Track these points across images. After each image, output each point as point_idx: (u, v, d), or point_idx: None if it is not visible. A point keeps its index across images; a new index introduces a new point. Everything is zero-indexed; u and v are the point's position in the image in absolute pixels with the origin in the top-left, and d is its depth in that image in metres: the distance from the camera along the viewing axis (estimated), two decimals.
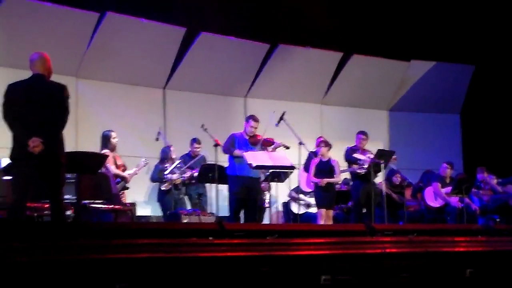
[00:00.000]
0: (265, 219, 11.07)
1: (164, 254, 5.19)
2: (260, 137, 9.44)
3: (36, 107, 6.06)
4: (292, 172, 10.58)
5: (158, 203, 10.74)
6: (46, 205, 7.03)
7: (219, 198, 9.57)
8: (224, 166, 9.78)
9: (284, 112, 9.60)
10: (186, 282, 5.16)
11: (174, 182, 10.35)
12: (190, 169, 10.58)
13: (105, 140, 9.35)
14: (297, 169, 10.04)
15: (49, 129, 6.07)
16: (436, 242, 7.09)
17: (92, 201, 8.13)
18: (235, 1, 12.52)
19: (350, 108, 14.32)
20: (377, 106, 14.65)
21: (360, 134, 10.88)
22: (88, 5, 10.99)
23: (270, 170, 9.90)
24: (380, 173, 10.71)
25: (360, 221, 10.12)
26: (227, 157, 9.57)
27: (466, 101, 15.05)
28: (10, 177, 6.54)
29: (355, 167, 10.58)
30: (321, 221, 9.91)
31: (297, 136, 9.50)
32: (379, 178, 11.01)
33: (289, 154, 9.41)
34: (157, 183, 10.74)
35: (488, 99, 14.63)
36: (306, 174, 10.53)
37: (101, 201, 8.32)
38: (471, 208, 11.57)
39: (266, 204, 11.00)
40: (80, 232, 5.46)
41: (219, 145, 9.61)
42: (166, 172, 10.28)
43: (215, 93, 12.92)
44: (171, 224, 8.41)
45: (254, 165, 8.90)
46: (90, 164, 7.53)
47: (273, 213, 11.76)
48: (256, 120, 9.51)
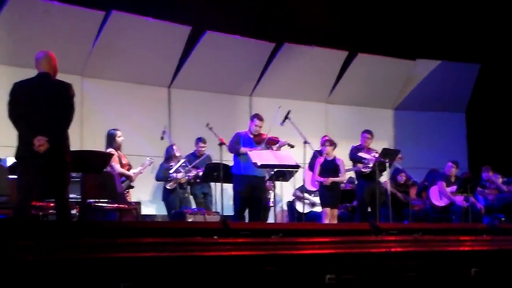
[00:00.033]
0: (270, 218, 11.07)
1: (168, 253, 5.17)
2: (265, 136, 9.42)
3: (41, 106, 6.08)
4: (297, 171, 10.58)
5: (163, 202, 10.73)
6: (51, 204, 7.04)
7: (224, 197, 9.56)
8: (229, 165, 9.77)
9: (289, 111, 9.59)
10: (191, 281, 5.15)
11: (179, 181, 10.35)
12: (195, 168, 10.58)
13: (110, 139, 9.34)
14: (302, 168, 10.03)
15: (54, 128, 6.08)
16: (441, 241, 7.06)
17: (97, 200, 8.16)
18: (240, 0, 12.53)
19: (355, 107, 14.32)
20: (382, 105, 14.64)
21: (365, 133, 10.88)
22: (93, 4, 11.01)
23: (275, 169, 9.90)
24: (385, 172, 10.70)
25: (365, 220, 10.12)
26: (232, 156, 9.57)
27: (472, 100, 15.04)
28: (15, 176, 6.55)
29: (360, 166, 10.58)
30: (326, 220, 9.91)
31: (302, 135, 9.49)
32: (384, 177, 11.00)
33: (294, 153, 9.39)
34: (162, 182, 10.72)
35: (493, 98, 14.60)
36: (311, 173, 10.52)
37: (106, 200, 8.34)
38: (476, 207, 11.57)
39: (271, 203, 11.00)
40: (85, 231, 5.45)
41: (224, 144, 9.61)
42: (171, 171, 10.28)
43: (220, 91, 12.92)
44: (176, 223, 8.42)
45: (259, 164, 8.89)
46: (95, 163, 7.55)
47: (278, 212, 11.76)
48: (261, 119, 9.50)
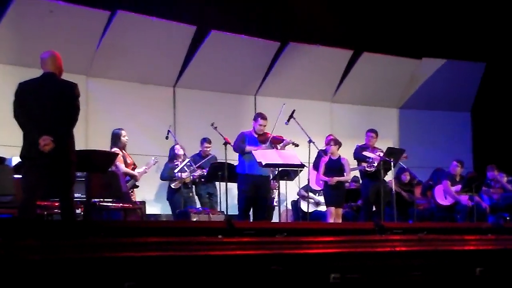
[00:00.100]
0: (274, 218, 11.06)
1: (173, 253, 5.17)
2: (270, 135, 9.40)
3: (46, 106, 6.09)
4: (302, 170, 10.57)
5: (167, 202, 10.74)
6: (56, 204, 7.05)
7: (228, 196, 9.56)
8: (234, 165, 9.77)
9: (294, 110, 9.58)
10: (196, 280, 5.15)
11: (184, 180, 10.36)
12: (200, 168, 10.58)
13: (115, 138, 9.35)
14: (306, 167, 10.04)
15: (59, 128, 6.08)
16: (446, 241, 7.05)
17: (101, 200, 8.15)
18: None
19: (360, 106, 14.32)
20: (387, 104, 14.64)
21: (369, 132, 10.87)
22: (99, 4, 11.04)
23: (280, 168, 9.89)
24: (390, 171, 10.69)
25: (370, 220, 10.12)
26: (237, 155, 9.57)
27: (477, 99, 15.02)
28: (20, 176, 6.56)
29: (364, 165, 10.57)
30: (331, 220, 9.91)
31: (306, 134, 9.49)
32: (389, 176, 10.99)
33: (299, 152, 9.38)
34: (166, 182, 10.72)
35: (499, 97, 14.58)
36: (315, 172, 10.52)
37: (111, 200, 8.33)
38: (481, 206, 11.55)
39: (275, 203, 10.99)
40: (89, 231, 5.46)
41: (229, 143, 9.61)
42: (176, 170, 10.28)
43: (225, 91, 12.93)
44: (180, 223, 8.43)
45: (263, 164, 8.87)
46: (100, 162, 7.55)
47: (283, 212, 11.76)
48: (264, 118, 9.47)
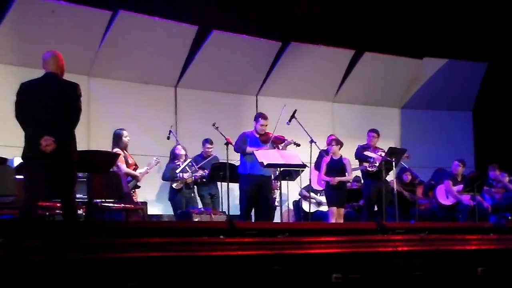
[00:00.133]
0: (276, 218, 11.06)
1: (175, 253, 5.18)
2: (271, 135, 9.40)
3: (48, 106, 6.09)
4: (303, 170, 10.57)
5: (169, 202, 10.72)
6: (58, 204, 7.05)
7: (230, 197, 9.56)
8: (235, 165, 9.77)
9: (295, 110, 9.57)
10: (197, 281, 5.16)
11: (186, 181, 10.35)
12: (202, 169, 10.56)
13: (117, 138, 9.33)
14: (308, 167, 10.04)
15: (61, 128, 6.09)
16: (447, 240, 7.06)
17: (103, 200, 8.15)
18: None
19: (361, 106, 14.31)
20: (389, 104, 14.63)
21: (371, 132, 10.87)
22: (100, 4, 11.04)
23: (281, 169, 9.89)
24: (391, 171, 10.69)
25: (371, 219, 10.12)
26: (239, 155, 9.56)
27: (479, 98, 15.00)
28: (22, 176, 6.57)
29: (366, 165, 10.57)
30: (332, 219, 9.91)
31: (308, 134, 9.49)
32: (391, 176, 10.99)
33: (300, 152, 9.38)
34: (168, 182, 10.70)
35: (500, 97, 14.58)
36: (317, 172, 10.51)
37: (113, 200, 8.33)
38: (483, 206, 11.54)
39: (276, 203, 10.97)
40: (91, 231, 5.46)
41: (230, 144, 9.61)
42: (177, 171, 10.27)
43: (227, 91, 12.93)
44: (182, 223, 8.43)
45: (265, 164, 8.87)
46: (101, 163, 7.55)
47: (284, 212, 11.76)
48: (265, 117, 9.46)
